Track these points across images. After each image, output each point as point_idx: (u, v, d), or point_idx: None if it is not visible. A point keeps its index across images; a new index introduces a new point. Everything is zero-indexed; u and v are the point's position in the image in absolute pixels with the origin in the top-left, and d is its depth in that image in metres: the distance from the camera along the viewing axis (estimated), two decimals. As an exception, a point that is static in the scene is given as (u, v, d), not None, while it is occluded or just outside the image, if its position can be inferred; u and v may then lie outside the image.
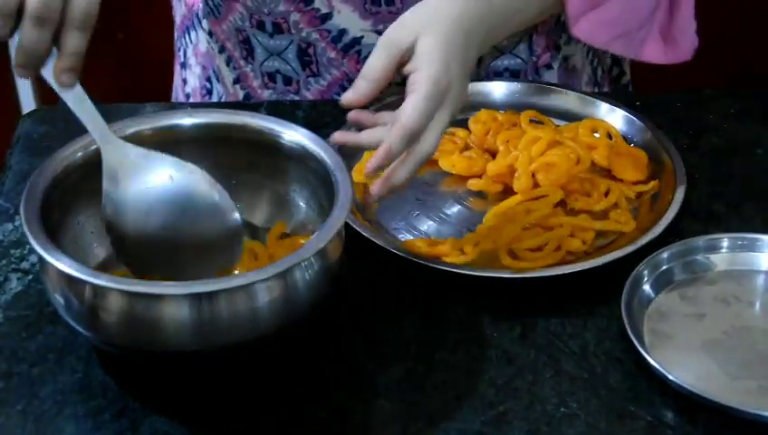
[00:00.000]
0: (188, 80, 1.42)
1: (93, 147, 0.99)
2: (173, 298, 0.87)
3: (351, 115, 1.02)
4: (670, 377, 0.93)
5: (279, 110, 1.28)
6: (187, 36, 1.41)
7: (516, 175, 1.15)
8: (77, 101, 0.93)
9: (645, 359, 0.95)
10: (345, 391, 0.95)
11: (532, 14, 1.15)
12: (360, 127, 1.03)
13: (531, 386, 0.96)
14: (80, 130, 0.99)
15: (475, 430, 0.92)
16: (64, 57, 0.90)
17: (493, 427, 0.92)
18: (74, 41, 0.90)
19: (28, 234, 0.90)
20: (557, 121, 1.24)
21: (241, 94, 1.35)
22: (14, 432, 0.92)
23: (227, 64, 1.35)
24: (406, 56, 1.00)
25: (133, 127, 1.02)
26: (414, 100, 0.97)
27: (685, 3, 1.20)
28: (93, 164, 0.99)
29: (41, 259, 0.92)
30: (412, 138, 0.96)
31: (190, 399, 0.95)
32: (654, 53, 1.21)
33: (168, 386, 0.96)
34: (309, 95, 1.31)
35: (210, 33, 1.36)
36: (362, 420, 0.94)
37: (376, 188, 0.99)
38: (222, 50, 1.35)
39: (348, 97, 1.00)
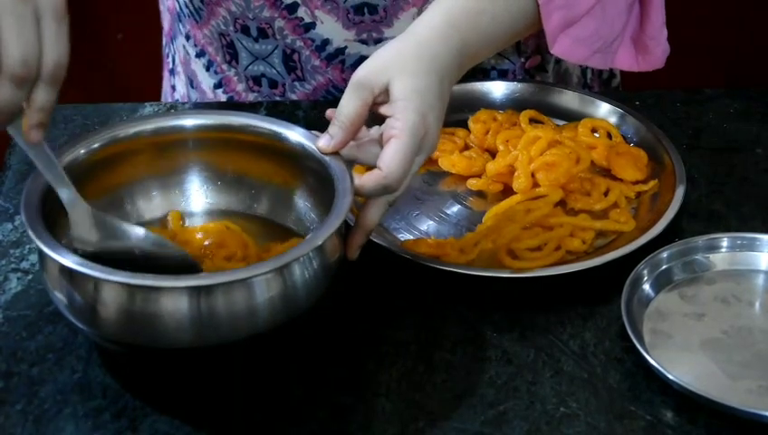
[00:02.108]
0: (177, 86, 1.42)
1: (96, 145, 0.99)
2: (171, 291, 0.87)
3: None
4: (670, 377, 0.93)
5: (279, 110, 1.28)
6: (175, 42, 1.41)
7: (516, 174, 1.15)
8: (43, 158, 0.90)
9: (645, 358, 0.95)
10: (345, 391, 0.96)
11: (507, 40, 1.13)
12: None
13: (530, 386, 0.96)
14: (80, 129, 1.00)
15: (474, 429, 0.92)
16: (33, 112, 0.87)
17: (492, 426, 0.92)
18: (44, 96, 0.86)
19: (28, 228, 0.90)
20: (557, 121, 1.24)
21: (223, 99, 1.34)
22: (13, 432, 0.92)
23: (207, 69, 1.35)
24: (379, 98, 0.98)
25: (134, 127, 1.02)
26: (395, 150, 0.95)
27: (655, 11, 1.20)
28: (96, 161, 0.99)
29: (41, 254, 0.92)
30: (390, 189, 0.96)
31: (190, 399, 0.95)
32: (626, 61, 1.21)
33: (167, 385, 0.96)
34: (295, 98, 1.31)
35: (187, 37, 1.35)
36: (362, 420, 0.94)
37: (355, 239, 0.98)
38: (201, 54, 1.34)
39: (324, 146, 0.98)
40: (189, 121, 1.04)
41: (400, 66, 0.99)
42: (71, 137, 1.01)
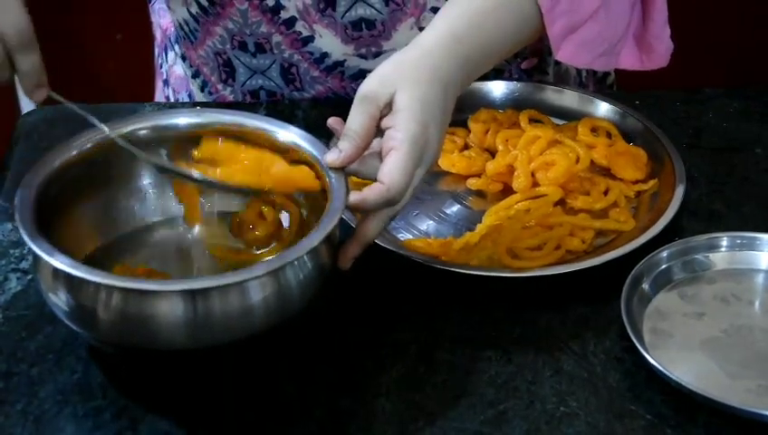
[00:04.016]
0: (171, 98, 1.41)
1: (89, 145, 0.99)
2: (166, 294, 0.87)
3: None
4: (670, 376, 0.93)
5: (278, 109, 1.28)
6: (168, 54, 1.41)
7: (516, 174, 1.15)
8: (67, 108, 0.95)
9: (644, 358, 0.95)
10: (345, 391, 0.95)
11: (512, 47, 1.12)
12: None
13: (530, 385, 0.96)
14: (80, 128, 1.00)
15: (474, 429, 0.92)
16: (23, 78, 0.92)
17: (492, 426, 0.92)
18: (24, 63, 0.91)
19: (21, 230, 0.90)
20: (556, 120, 1.24)
21: None
22: (13, 432, 0.92)
23: (202, 90, 1.34)
24: (385, 111, 0.97)
25: (130, 126, 1.02)
26: (396, 162, 0.94)
27: (657, 10, 1.20)
28: (89, 161, 0.99)
29: (34, 256, 0.92)
30: (392, 202, 0.95)
31: (189, 398, 0.95)
32: (630, 61, 1.21)
33: (166, 386, 0.96)
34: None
35: (183, 58, 1.35)
36: (362, 420, 0.94)
37: (349, 250, 0.97)
38: (196, 75, 1.34)
39: (333, 160, 0.96)
40: (184, 121, 1.03)
41: (404, 77, 0.98)
42: (71, 136, 1.01)
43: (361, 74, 1.01)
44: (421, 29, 1.07)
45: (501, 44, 1.09)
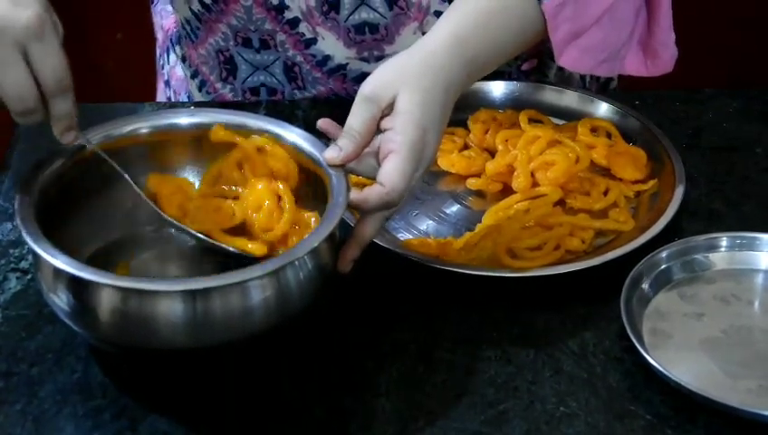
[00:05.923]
0: (172, 99, 1.41)
1: (90, 145, 0.99)
2: (166, 294, 0.87)
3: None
4: (669, 376, 0.93)
5: (278, 109, 1.28)
6: (169, 56, 1.41)
7: (515, 174, 1.15)
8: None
9: (644, 358, 0.95)
10: (345, 391, 0.95)
11: (515, 50, 1.12)
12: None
13: (530, 385, 0.96)
14: (80, 128, 1.00)
15: (474, 429, 0.92)
16: (56, 121, 0.92)
17: (492, 426, 0.92)
18: (59, 106, 0.91)
19: (22, 230, 0.90)
20: (556, 121, 1.24)
21: None
22: (13, 432, 0.92)
23: (200, 89, 1.34)
24: (386, 111, 0.97)
25: (130, 126, 1.02)
26: (395, 165, 0.94)
27: (663, 16, 1.20)
28: (89, 161, 0.99)
29: (35, 256, 0.92)
30: (391, 204, 0.95)
31: (189, 398, 0.95)
32: (634, 66, 1.21)
33: (166, 385, 0.96)
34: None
35: (183, 59, 1.35)
36: (362, 420, 0.94)
37: (348, 252, 0.97)
38: (195, 74, 1.34)
39: (332, 157, 0.96)
40: (185, 121, 1.03)
41: (406, 79, 0.98)
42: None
43: (364, 77, 1.00)
44: (424, 33, 1.08)
45: (504, 46, 1.09)
